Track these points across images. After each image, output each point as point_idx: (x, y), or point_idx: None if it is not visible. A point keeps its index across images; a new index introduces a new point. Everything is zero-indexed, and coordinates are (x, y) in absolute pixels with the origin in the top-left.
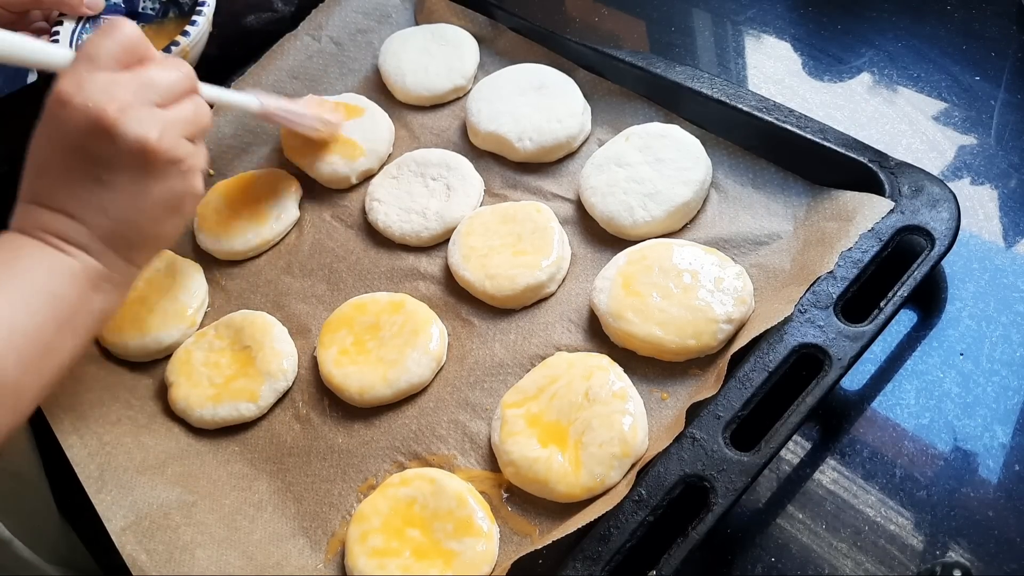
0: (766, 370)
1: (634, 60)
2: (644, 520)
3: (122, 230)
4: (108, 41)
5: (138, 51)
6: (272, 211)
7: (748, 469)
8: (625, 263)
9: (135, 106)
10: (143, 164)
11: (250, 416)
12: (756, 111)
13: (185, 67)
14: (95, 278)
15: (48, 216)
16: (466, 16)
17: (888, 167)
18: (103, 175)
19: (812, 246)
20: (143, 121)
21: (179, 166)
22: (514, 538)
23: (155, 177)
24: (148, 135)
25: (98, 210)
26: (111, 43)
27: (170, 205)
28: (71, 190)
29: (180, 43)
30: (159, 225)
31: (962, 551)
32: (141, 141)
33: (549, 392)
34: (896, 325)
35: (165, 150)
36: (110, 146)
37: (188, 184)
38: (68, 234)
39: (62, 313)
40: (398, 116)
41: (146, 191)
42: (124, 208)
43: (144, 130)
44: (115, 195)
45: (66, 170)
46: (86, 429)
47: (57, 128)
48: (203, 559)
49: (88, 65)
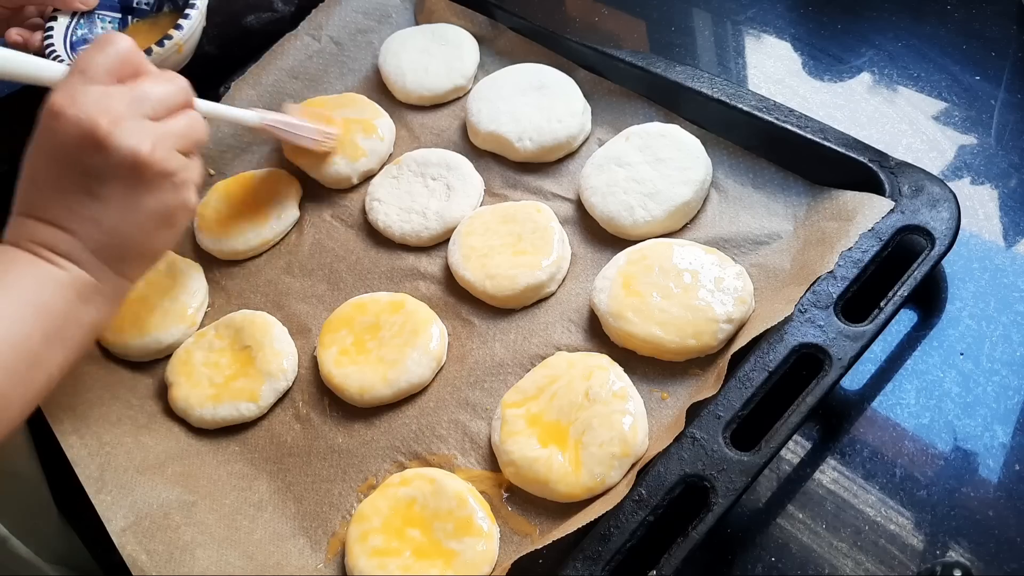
0: (766, 370)
1: (634, 60)
2: (644, 520)
3: (114, 243)
4: (102, 55)
5: (132, 64)
6: (272, 211)
7: (748, 469)
8: (625, 263)
9: (128, 119)
10: (135, 176)
11: (250, 416)
12: (756, 111)
13: (180, 81)
14: (85, 291)
15: (40, 228)
16: (466, 16)
17: (888, 167)
18: (95, 188)
19: (812, 246)
20: (135, 133)
21: (172, 179)
22: (514, 538)
23: (147, 190)
24: (140, 147)
25: (90, 222)
26: (105, 57)
27: (162, 218)
28: (63, 202)
29: (173, 37)
30: (151, 238)
31: (962, 551)
32: (133, 153)
33: (549, 392)
34: (896, 325)
35: (157, 162)
36: (102, 158)
37: (181, 197)
38: (59, 246)
39: (50, 325)
40: (398, 116)
41: (138, 204)
42: (116, 221)
43: (136, 142)
44: (107, 208)
45: (58, 182)
46: (86, 429)
47: (50, 140)
48: (203, 559)
49: (82, 78)
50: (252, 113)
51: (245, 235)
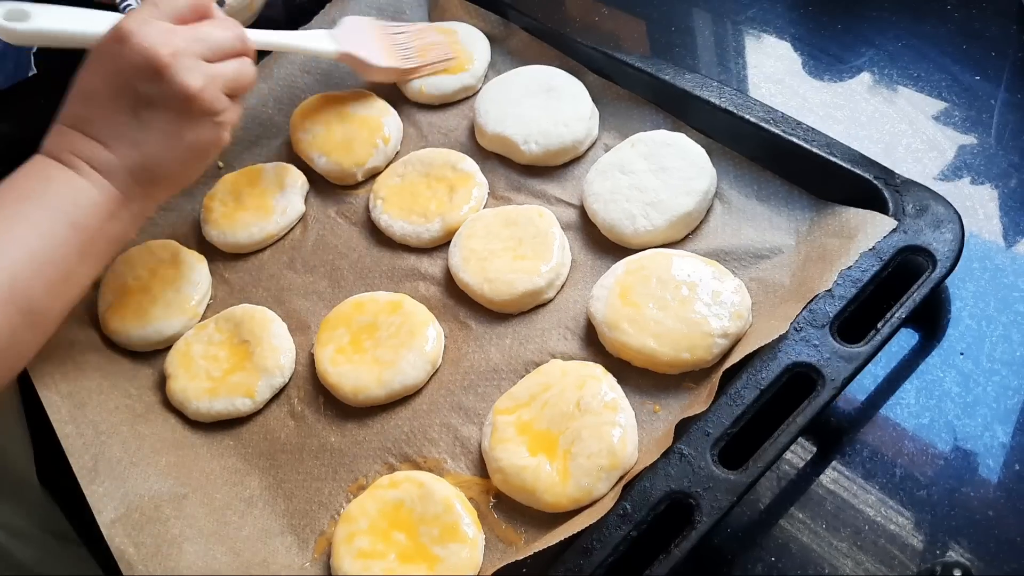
0: (758, 388)
1: (643, 66)
2: (627, 535)
3: (149, 166)
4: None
5: (200, 9)
6: (278, 205)
7: (735, 487)
8: (623, 272)
9: (186, 56)
10: (183, 110)
11: (246, 411)
12: (763, 122)
13: (238, 29)
14: (115, 207)
15: (82, 141)
16: (479, 15)
17: (893, 184)
18: (144, 113)
19: (812, 262)
20: (191, 70)
21: (214, 118)
22: (499, 546)
23: (190, 124)
24: (192, 84)
25: (131, 145)
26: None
27: (197, 151)
28: (111, 121)
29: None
30: (184, 168)
31: (962, 551)
32: (185, 88)
33: (541, 400)
34: (896, 341)
35: (205, 100)
36: (157, 87)
37: (218, 135)
38: (98, 162)
39: (84, 240)
40: (407, 114)
41: (179, 135)
42: (155, 147)
43: (190, 79)
44: (150, 133)
45: (110, 102)
46: (83, 418)
47: (112, 61)
48: (190, 553)
49: (154, 11)
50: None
51: (250, 229)
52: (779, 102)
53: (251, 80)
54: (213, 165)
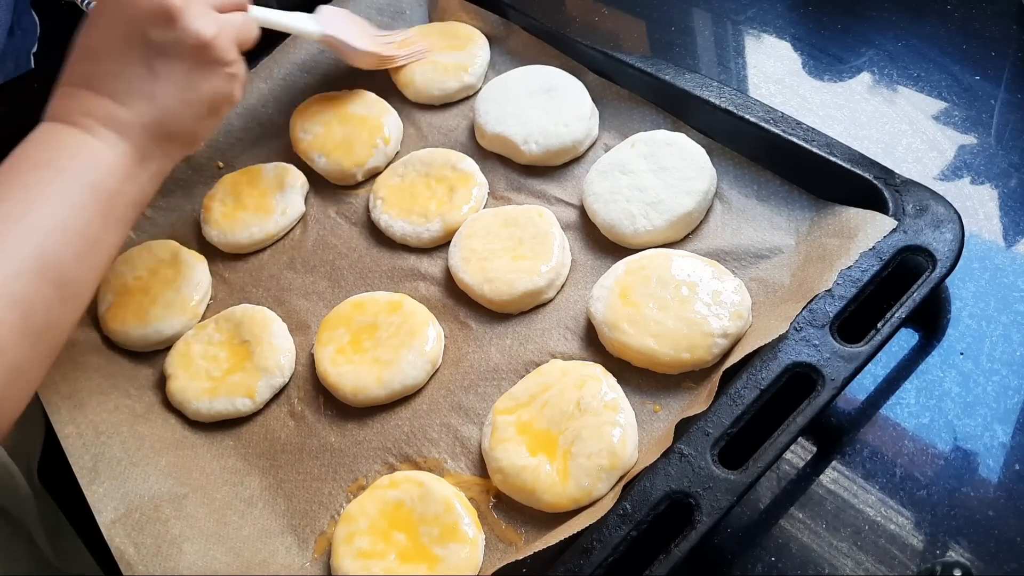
0: (758, 388)
1: (643, 66)
2: (627, 535)
3: (165, 119)
4: None
5: None
6: (278, 205)
7: (735, 487)
8: (623, 272)
9: (197, 2)
10: (198, 59)
11: (246, 411)
12: (763, 122)
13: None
14: (132, 168)
15: (93, 100)
16: (479, 15)
17: (893, 184)
18: (157, 64)
19: (812, 262)
20: (204, 17)
21: (227, 68)
22: (499, 546)
23: (203, 74)
24: (207, 30)
25: (146, 99)
26: None
27: (212, 103)
28: (122, 75)
29: None
30: (199, 121)
31: (962, 551)
32: (199, 35)
33: (541, 400)
34: (896, 341)
35: (219, 48)
36: (171, 34)
37: (231, 88)
38: (111, 118)
39: (107, 206)
40: (407, 114)
41: (194, 86)
42: (170, 100)
43: (204, 25)
44: (164, 86)
45: (121, 55)
46: (83, 418)
47: (121, 13)
48: (190, 553)
49: None
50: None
51: (250, 229)
52: (779, 102)
53: (255, 34)
54: (213, 165)
